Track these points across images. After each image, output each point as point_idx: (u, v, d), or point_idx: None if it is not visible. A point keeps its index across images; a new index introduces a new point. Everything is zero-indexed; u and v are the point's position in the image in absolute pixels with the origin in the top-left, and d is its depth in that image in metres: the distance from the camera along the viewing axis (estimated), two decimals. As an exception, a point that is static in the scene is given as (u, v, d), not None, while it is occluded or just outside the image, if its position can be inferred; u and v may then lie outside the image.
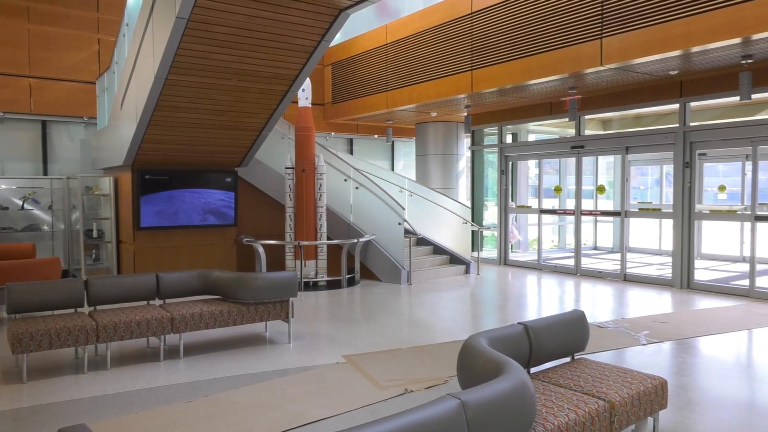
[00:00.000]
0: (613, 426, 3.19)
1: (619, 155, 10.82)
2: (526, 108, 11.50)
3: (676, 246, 9.30)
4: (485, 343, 3.21)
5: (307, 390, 4.72)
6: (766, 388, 4.77)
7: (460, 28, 9.76)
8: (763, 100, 8.93)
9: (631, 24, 7.25)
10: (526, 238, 13.61)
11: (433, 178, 13.27)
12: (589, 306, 8.21)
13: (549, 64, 8.31)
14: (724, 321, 7.09)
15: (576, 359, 4.02)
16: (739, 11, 6.23)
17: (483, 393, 2.40)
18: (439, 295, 9.00)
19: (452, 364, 4.80)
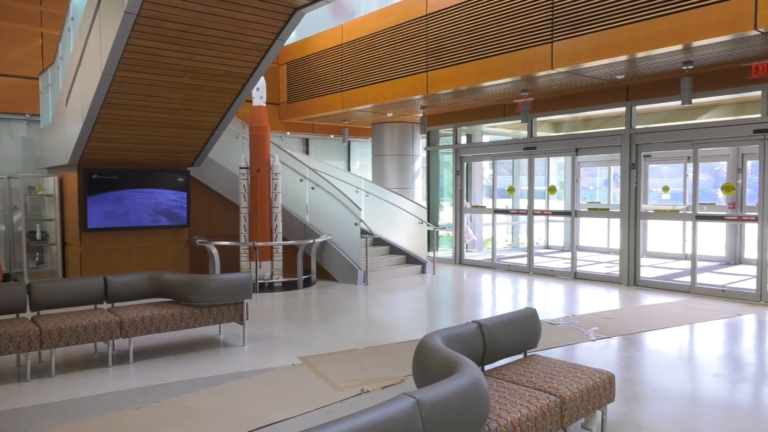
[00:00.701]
0: (564, 420, 3.28)
1: (569, 156, 11.12)
2: (480, 109, 11.68)
3: (623, 244, 9.63)
4: (440, 342, 3.25)
5: (262, 393, 4.66)
6: (706, 380, 5.00)
7: (415, 29, 9.83)
8: (703, 104, 9.34)
9: (580, 29, 7.46)
10: (480, 237, 13.83)
11: (390, 178, 13.32)
12: (542, 304, 8.41)
13: (502, 67, 8.47)
14: (667, 316, 7.38)
15: (528, 356, 4.11)
16: (681, 19, 6.50)
17: (438, 391, 2.42)
18: (396, 295, 9.04)
19: (409, 364, 4.83)
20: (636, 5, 6.87)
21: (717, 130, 8.62)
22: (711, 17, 6.28)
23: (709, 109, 9.61)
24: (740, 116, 8.81)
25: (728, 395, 4.63)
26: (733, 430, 3.93)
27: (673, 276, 10.20)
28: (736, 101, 9.08)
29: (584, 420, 3.67)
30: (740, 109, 9.11)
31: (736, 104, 9.21)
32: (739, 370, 5.25)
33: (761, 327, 6.84)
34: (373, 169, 13.82)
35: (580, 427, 3.74)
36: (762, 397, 4.65)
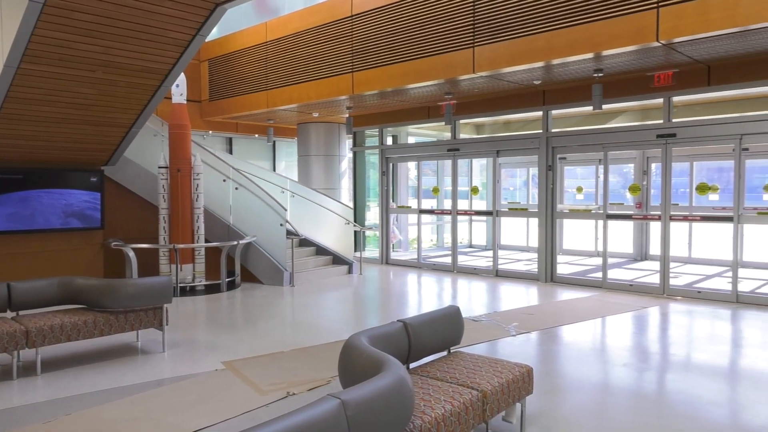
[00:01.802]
0: (486, 414, 3.39)
1: (490, 158, 11.49)
2: (405, 111, 11.84)
3: (540, 243, 10.06)
4: (366, 341, 3.27)
5: (183, 400, 4.51)
6: (616, 370, 5.31)
7: (340, 30, 9.83)
8: (613, 110, 9.92)
9: (499, 35, 7.73)
10: (406, 237, 14.01)
11: (316, 178, 13.24)
12: (465, 301, 8.64)
13: (426, 70, 8.63)
14: (581, 310, 7.78)
15: (452, 353, 4.21)
16: (593, 29, 6.88)
17: (363, 391, 2.44)
18: (323, 296, 9.00)
19: (335, 365, 4.81)
20: (552, 15, 7.20)
21: (625, 134, 9.18)
22: (619, 28, 6.68)
23: (618, 115, 10.22)
24: (645, 122, 9.42)
25: (636, 383, 4.94)
26: (640, 416, 4.20)
27: (587, 272, 10.77)
28: (642, 108, 9.71)
29: (505, 413, 3.80)
30: (645, 115, 9.74)
31: (642, 110, 9.85)
32: (645, 359, 5.61)
33: (664, 318, 7.35)
34: (299, 170, 13.69)
35: (501, 420, 3.87)
36: (666, 384, 5.00)
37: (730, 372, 5.27)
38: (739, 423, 4.09)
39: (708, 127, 8.30)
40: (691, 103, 9.05)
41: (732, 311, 7.58)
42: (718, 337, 6.44)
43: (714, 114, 8.79)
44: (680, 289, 8.74)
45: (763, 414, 4.20)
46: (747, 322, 7.02)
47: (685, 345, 6.15)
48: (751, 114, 8.03)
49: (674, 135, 8.50)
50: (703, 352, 5.84)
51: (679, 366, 5.43)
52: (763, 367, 5.32)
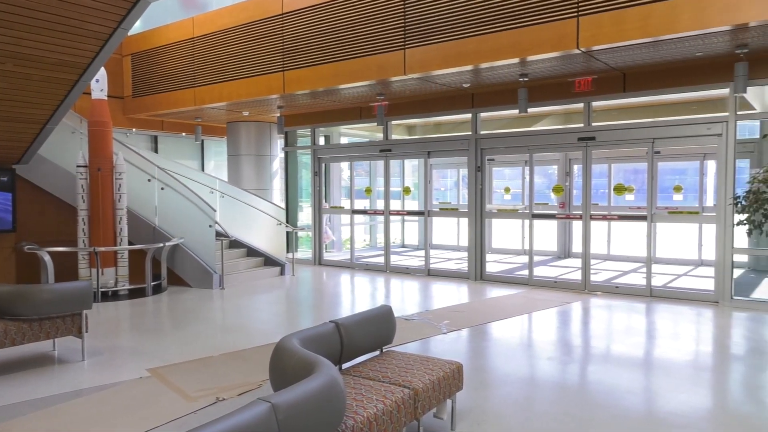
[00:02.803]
0: (417, 411, 3.43)
1: (422, 159, 11.65)
2: (337, 111, 11.81)
3: (470, 242, 10.30)
4: (297, 343, 3.23)
5: (105, 410, 4.30)
6: (541, 364, 5.52)
7: (271, 27, 9.68)
8: (538, 113, 10.30)
9: (430, 38, 7.86)
10: (339, 237, 13.98)
11: (247, 178, 12.97)
12: (398, 301, 8.72)
13: (358, 70, 8.64)
14: (509, 307, 8.03)
15: (384, 352, 4.24)
16: (518, 35, 7.12)
17: (294, 394, 2.41)
18: (254, 298, 8.83)
19: (266, 368, 4.73)
20: (480, 20, 7.39)
21: (548, 137, 9.56)
22: (543, 35, 6.95)
23: (542, 118, 10.63)
24: (567, 125, 9.85)
25: (560, 376, 5.15)
26: (564, 407, 4.39)
27: (514, 270, 11.13)
28: (564, 111, 10.15)
29: (436, 409, 3.86)
30: (567, 119, 10.18)
31: (564, 114, 10.29)
32: (568, 352, 5.87)
33: (586, 313, 7.71)
34: (228, 170, 13.37)
35: (432, 417, 3.93)
36: (587, 375, 5.24)
37: (645, 362, 5.60)
38: (653, 410, 4.35)
39: (624, 131, 8.78)
40: (609, 108, 9.55)
41: (646, 304, 8.05)
42: (634, 329, 6.83)
43: (629, 119, 9.32)
44: (600, 284, 9.20)
45: (673, 401, 4.49)
46: (659, 315, 7.48)
47: (604, 338, 6.48)
48: (663, 119, 8.57)
49: (594, 138, 8.94)
50: (621, 344, 6.17)
51: (599, 358, 5.71)
52: (673, 356, 5.69)
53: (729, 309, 7.67)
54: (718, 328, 6.85)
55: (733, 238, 7.81)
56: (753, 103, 8.31)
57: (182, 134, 13.94)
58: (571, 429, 3.97)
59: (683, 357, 5.66)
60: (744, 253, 9.61)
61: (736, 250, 7.92)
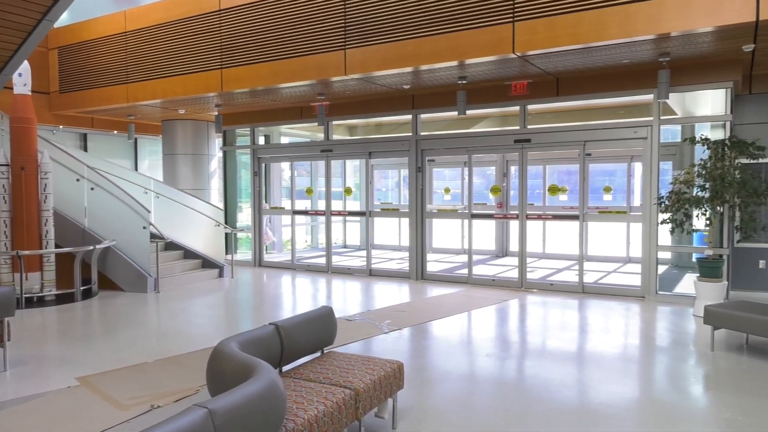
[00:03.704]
0: (358, 411, 3.43)
1: (363, 159, 11.66)
2: (278, 110, 11.66)
3: (411, 242, 10.41)
4: (236, 346, 3.17)
5: (30, 422, 4.07)
6: (480, 360, 5.64)
7: (208, 24, 9.45)
8: (476, 115, 10.53)
9: (370, 39, 7.88)
10: (280, 238, 13.81)
11: (183, 178, 12.62)
12: (340, 301, 8.70)
13: (298, 70, 8.57)
14: (449, 305, 8.17)
15: (326, 353, 4.22)
16: (457, 38, 7.25)
17: (231, 398, 2.36)
18: (191, 302, 8.59)
19: (204, 373, 4.62)
20: (419, 22, 7.48)
21: (486, 138, 9.79)
22: (480, 39, 7.11)
23: (480, 120, 10.86)
24: (504, 127, 10.11)
25: (498, 372, 5.28)
26: (502, 402, 4.51)
27: (454, 269, 11.32)
28: (502, 114, 10.41)
29: (377, 409, 3.88)
30: (504, 121, 10.45)
31: (502, 117, 10.56)
32: (506, 349, 6.03)
33: (523, 310, 7.94)
34: (164, 169, 12.96)
35: (373, 417, 3.95)
36: (524, 370, 5.40)
37: (578, 356, 5.83)
38: (584, 401, 4.53)
39: (557, 133, 9.10)
40: (544, 112, 9.87)
41: (579, 300, 8.38)
42: (568, 325, 7.09)
43: (562, 122, 9.67)
44: (536, 282, 9.49)
45: (603, 392, 4.69)
46: (591, 310, 7.80)
47: (540, 334, 6.69)
48: (593, 123, 8.95)
49: (529, 140, 9.22)
50: (555, 339, 6.39)
51: (535, 353, 5.90)
52: (603, 349, 5.94)
53: (654, 303, 8.09)
54: (644, 321, 7.21)
55: (657, 236, 8.25)
56: (675, 108, 8.80)
57: (114, 132, 13.39)
58: (508, 423, 4.08)
59: (613, 350, 5.93)
60: (667, 251, 10.16)
61: (660, 248, 8.37)
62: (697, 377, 5.18)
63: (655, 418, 4.20)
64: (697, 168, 7.43)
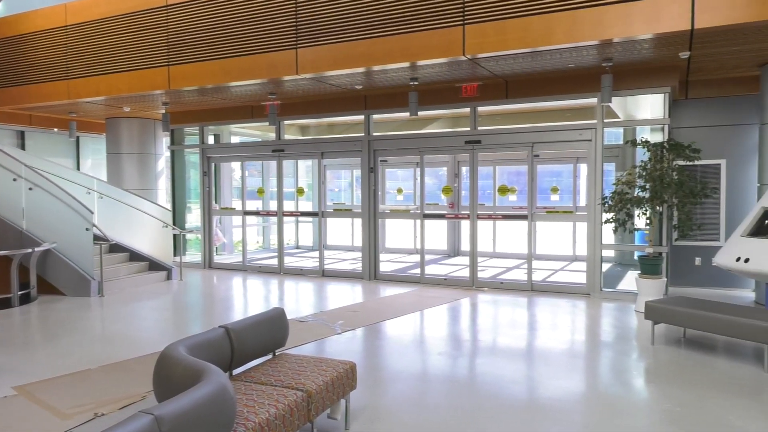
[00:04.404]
0: (311, 413, 3.41)
1: (315, 159, 11.59)
2: (228, 109, 11.46)
3: (364, 242, 10.42)
4: (184, 350, 3.10)
5: (-39, 436, 3.86)
6: (432, 359, 5.70)
7: (154, 19, 9.18)
8: (428, 116, 10.63)
9: (322, 39, 7.85)
10: (231, 239, 13.57)
11: (129, 178, 12.23)
12: (292, 302, 8.62)
13: (248, 68, 8.44)
14: (402, 305, 8.22)
15: (278, 355, 4.17)
16: (408, 40, 7.30)
17: (179, 404, 2.31)
18: (138, 305, 8.33)
19: (151, 379, 4.50)
20: (371, 23, 7.49)
21: (438, 139, 9.91)
22: (432, 41, 7.18)
23: (432, 121, 10.98)
24: (455, 128, 10.25)
25: (450, 370, 5.35)
26: (453, 399, 4.56)
27: (407, 269, 11.39)
28: (453, 115, 10.55)
29: (330, 410, 3.87)
30: (456, 123, 10.60)
31: (453, 118, 10.70)
32: (458, 347, 6.11)
33: (474, 308, 8.07)
34: (108, 169, 12.52)
35: (326, 418, 3.93)
36: (475, 368, 5.49)
37: (527, 352, 5.97)
38: (534, 397, 4.65)
39: (507, 135, 9.29)
40: (494, 114, 10.06)
41: (528, 298, 8.58)
42: (517, 322, 7.25)
43: (511, 124, 9.88)
44: (486, 281, 9.66)
45: (552, 387, 4.82)
46: (540, 308, 8.00)
47: (490, 331, 6.81)
48: (541, 125, 9.18)
49: (479, 141, 9.38)
50: (506, 337, 6.52)
51: (486, 351, 6.00)
52: (552, 346, 6.11)
53: (599, 300, 8.37)
54: (590, 317, 7.45)
55: (601, 235, 8.53)
56: (617, 112, 9.14)
57: (54, 130, 12.85)
58: (460, 420, 4.14)
59: (560, 346, 6.10)
60: (611, 249, 10.53)
61: (604, 246, 8.66)
62: (638, 370, 5.39)
63: (600, 411, 4.35)
64: (638, 169, 7.73)
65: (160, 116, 12.03)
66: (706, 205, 8.59)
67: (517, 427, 4.02)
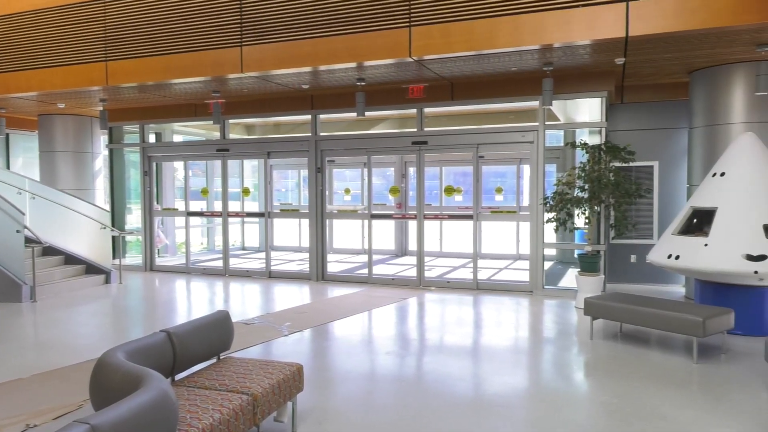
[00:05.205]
0: (257, 417, 3.36)
1: (262, 159, 11.43)
2: (170, 107, 11.14)
3: (312, 243, 10.34)
4: (123, 356, 3.00)
5: None
6: (380, 358, 5.72)
7: (91, 12, 8.82)
8: (376, 117, 10.68)
9: (267, 37, 7.74)
10: (173, 241, 13.19)
11: (64, 178, 11.70)
12: (238, 305, 8.46)
13: (191, 65, 8.23)
14: (350, 305, 8.21)
15: (222, 359, 4.09)
16: (354, 40, 7.30)
17: (117, 412, 2.23)
18: (74, 310, 7.99)
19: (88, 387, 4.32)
20: (317, 22, 7.45)
21: (385, 140, 9.96)
22: (378, 42, 7.20)
23: (380, 122, 11.02)
24: (403, 129, 10.34)
25: (398, 369, 5.38)
26: (401, 398, 4.60)
27: (355, 269, 11.39)
28: (400, 116, 10.63)
29: (276, 413, 3.82)
30: (403, 123, 10.69)
31: (400, 119, 10.78)
32: (405, 346, 6.16)
33: (421, 307, 8.15)
34: (41, 168, 11.94)
35: (272, 421, 3.88)
36: (422, 366, 5.54)
37: (473, 350, 6.08)
38: (480, 393, 4.74)
39: (452, 136, 9.44)
40: (440, 115, 10.20)
41: (474, 297, 8.74)
42: (463, 320, 7.37)
43: (457, 125, 10.04)
44: (433, 280, 9.78)
45: (496, 383, 4.93)
46: (485, 306, 8.16)
47: (437, 330, 6.90)
48: (486, 127, 9.37)
49: (426, 142, 9.48)
50: (452, 335, 6.62)
51: (433, 349, 6.07)
52: (497, 343, 6.25)
53: (541, 297, 8.62)
54: (533, 314, 7.66)
55: (543, 234, 8.79)
56: (558, 114, 9.43)
57: (-19, 127, 12.14)
58: (408, 419, 4.17)
59: (504, 343, 6.24)
60: (552, 247, 10.87)
61: (546, 245, 8.93)
62: (578, 365, 5.58)
63: (543, 405, 4.48)
64: (577, 170, 8.01)
65: (97, 113, 11.56)
66: (640, 204, 8.99)
67: (463, 424, 4.09)
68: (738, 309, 6.14)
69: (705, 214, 6.64)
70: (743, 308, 6.27)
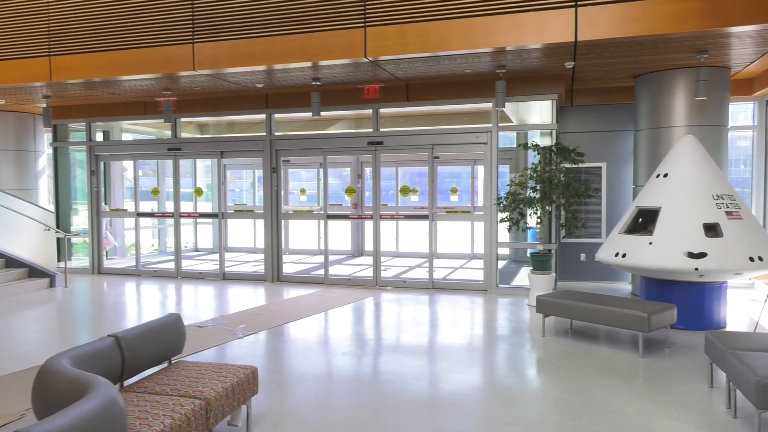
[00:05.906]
0: (210, 421, 3.30)
1: (215, 159, 11.23)
2: (119, 105, 10.80)
3: (267, 243, 10.22)
4: (68, 363, 2.89)
5: None
6: (336, 359, 5.70)
7: (33, 4, 8.46)
8: (331, 117, 10.63)
9: (220, 34, 7.61)
10: (123, 243, 12.79)
11: (4, 178, 11.20)
12: (191, 307, 8.28)
13: (141, 62, 8.00)
14: (306, 307, 8.15)
15: (174, 363, 4.00)
16: (309, 39, 7.26)
17: (61, 421, 2.14)
18: (15, 316, 7.64)
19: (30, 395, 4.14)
20: (271, 21, 7.36)
21: (341, 140, 9.93)
22: (333, 42, 7.18)
23: (336, 122, 10.98)
24: (358, 129, 10.33)
25: (354, 369, 5.38)
26: (357, 398, 4.60)
27: (311, 270, 11.32)
28: (356, 117, 10.62)
29: (230, 417, 3.76)
30: (359, 124, 10.68)
31: (356, 119, 10.77)
32: (362, 346, 6.16)
33: (377, 307, 8.17)
34: (-21, 167, 11.38)
35: (226, 425, 3.82)
36: (379, 366, 5.55)
37: (428, 349, 6.13)
38: (435, 391, 4.79)
39: (408, 137, 9.50)
40: (395, 116, 10.24)
41: (429, 296, 8.82)
42: (419, 320, 7.43)
43: (413, 126, 10.11)
44: (390, 280, 9.82)
45: (451, 381, 4.99)
46: (441, 305, 8.25)
47: (393, 330, 6.93)
48: (441, 128, 9.46)
49: (382, 143, 9.51)
50: (408, 334, 6.66)
51: (389, 349, 6.10)
52: (451, 341, 6.32)
53: (495, 296, 8.77)
54: (487, 313, 7.79)
55: (497, 233, 8.95)
56: (511, 116, 9.62)
57: None
58: (363, 418, 4.17)
59: (459, 341, 6.32)
60: (506, 247, 11.05)
61: (499, 244, 9.09)
62: (531, 361, 5.71)
63: (497, 401, 4.56)
64: (529, 171, 8.19)
65: (40, 110, 11.10)
66: (589, 204, 9.26)
67: (419, 422, 4.12)
68: (680, 305, 6.42)
69: (650, 213, 6.90)
70: (685, 304, 6.56)
